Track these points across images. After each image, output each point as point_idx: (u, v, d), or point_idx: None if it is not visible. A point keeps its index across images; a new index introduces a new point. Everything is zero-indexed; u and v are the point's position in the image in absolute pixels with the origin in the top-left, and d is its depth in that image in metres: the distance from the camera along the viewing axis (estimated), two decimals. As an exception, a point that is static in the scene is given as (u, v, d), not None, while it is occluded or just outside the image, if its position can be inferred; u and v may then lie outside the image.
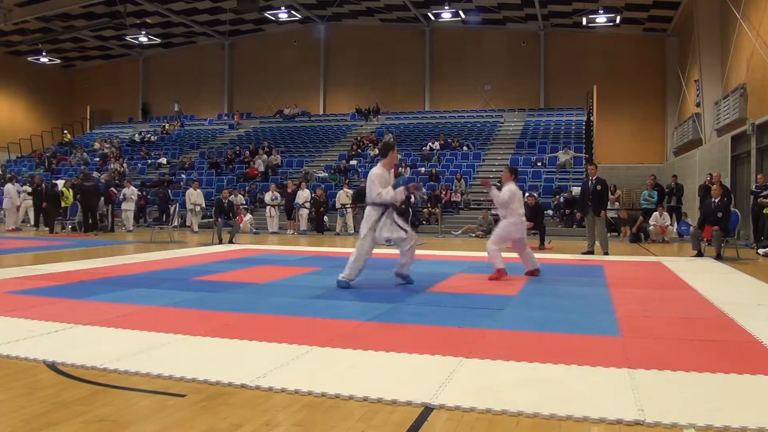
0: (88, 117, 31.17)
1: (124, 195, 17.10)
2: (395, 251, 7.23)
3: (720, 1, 17.11)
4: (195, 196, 16.93)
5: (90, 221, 16.02)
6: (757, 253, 10.80)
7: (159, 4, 24.60)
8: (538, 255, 10.72)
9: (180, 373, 3.26)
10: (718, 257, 9.80)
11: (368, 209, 6.48)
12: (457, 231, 16.17)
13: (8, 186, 17.46)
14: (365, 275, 7.66)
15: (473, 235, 15.65)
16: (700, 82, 18.30)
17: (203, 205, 17.24)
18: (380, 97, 27.68)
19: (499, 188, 7.70)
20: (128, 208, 17.14)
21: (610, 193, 16.61)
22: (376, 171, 6.47)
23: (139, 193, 18.41)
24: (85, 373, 3.33)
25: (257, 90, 29.34)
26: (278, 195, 17.78)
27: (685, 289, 6.57)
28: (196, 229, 16.93)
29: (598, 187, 10.71)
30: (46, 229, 16.57)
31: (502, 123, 24.71)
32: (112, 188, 17.72)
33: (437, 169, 19.77)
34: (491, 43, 26.36)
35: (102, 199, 16.70)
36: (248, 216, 16.94)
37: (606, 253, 10.45)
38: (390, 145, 6.85)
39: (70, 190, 17.17)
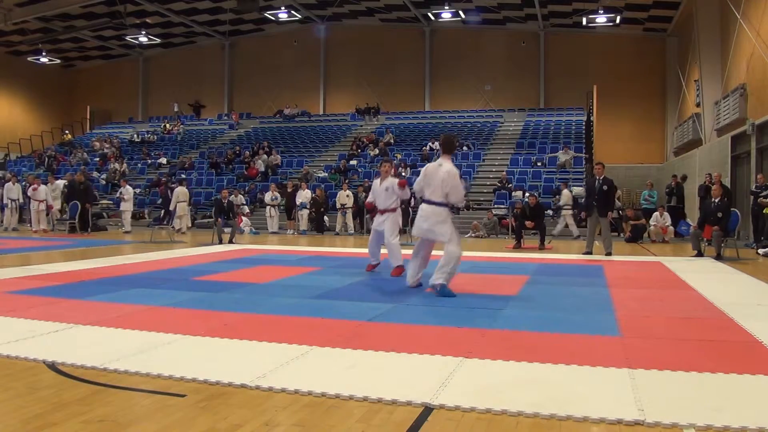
0: (88, 117, 31.15)
1: (120, 194, 17.02)
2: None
3: (720, 1, 17.10)
4: (183, 195, 15.70)
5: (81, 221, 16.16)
6: (757, 253, 10.80)
7: (159, 4, 24.60)
8: (539, 255, 10.79)
9: (180, 373, 3.26)
10: (718, 257, 9.79)
11: (447, 211, 6.03)
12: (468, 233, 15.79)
13: (42, 188, 17.03)
14: (367, 275, 7.67)
15: (474, 234, 15.66)
16: (700, 82, 18.30)
17: (188, 202, 16.17)
18: (380, 97, 27.67)
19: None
20: (126, 208, 16.91)
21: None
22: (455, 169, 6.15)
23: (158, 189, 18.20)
24: (85, 373, 3.32)
25: (257, 90, 29.34)
26: (278, 195, 17.77)
27: (685, 289, 6.56)
28: (184, 229, 15.58)
29: (605, 188, 10.44)
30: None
31: (502, 123, 24.70)
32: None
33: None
34: (491, 43, 26.35)
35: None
36: (245, 220, 16.79)
37: (609, 254, 10.31)
38: (453, 139, 6.66)
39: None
